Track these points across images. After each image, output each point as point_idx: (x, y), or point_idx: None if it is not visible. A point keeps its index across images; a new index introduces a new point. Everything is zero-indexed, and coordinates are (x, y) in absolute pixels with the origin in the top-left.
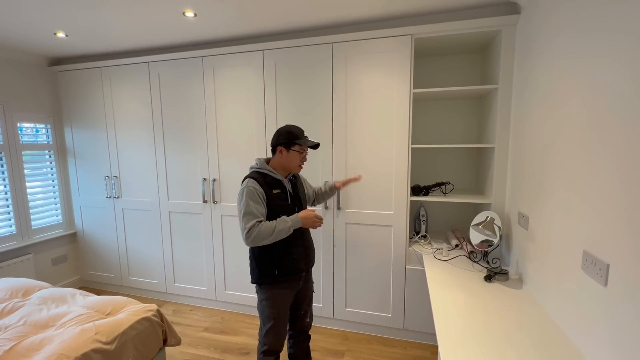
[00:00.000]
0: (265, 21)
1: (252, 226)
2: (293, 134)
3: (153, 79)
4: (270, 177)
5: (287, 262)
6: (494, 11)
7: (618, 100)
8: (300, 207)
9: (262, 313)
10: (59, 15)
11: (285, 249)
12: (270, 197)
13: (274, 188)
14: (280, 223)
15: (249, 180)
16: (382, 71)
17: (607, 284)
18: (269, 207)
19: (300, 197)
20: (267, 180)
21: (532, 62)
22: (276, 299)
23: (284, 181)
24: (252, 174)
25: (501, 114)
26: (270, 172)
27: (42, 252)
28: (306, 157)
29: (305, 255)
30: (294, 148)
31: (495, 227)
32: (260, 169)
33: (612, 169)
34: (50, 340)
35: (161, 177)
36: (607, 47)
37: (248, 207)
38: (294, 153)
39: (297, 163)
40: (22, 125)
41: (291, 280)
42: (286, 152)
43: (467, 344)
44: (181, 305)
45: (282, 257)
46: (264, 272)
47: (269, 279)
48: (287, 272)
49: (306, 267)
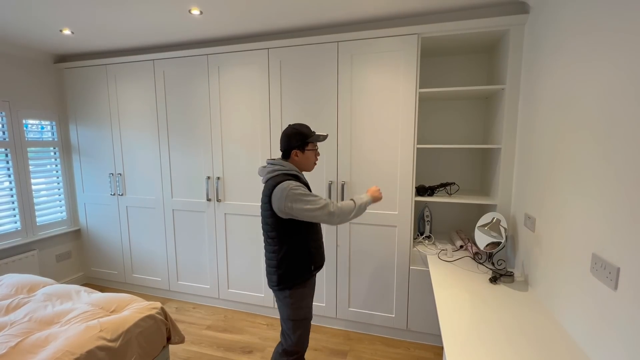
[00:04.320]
0: (270, 19)
1: (327, 203)
2: (304, 134)
3: (158, 77)
4: (303, 178)
5: (319, 256)
6: (502, 10)
7: (630, 101)
8: None
9: (294, 317)
10: (65, 13)
11: (317, 242)
12: None
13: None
14: (357, 199)
15: (290, 182)
16: (388, 70)
17: (618, 288)
18: None
19: None
20: (302, 181)
21: (540, 62)
22: (308, 299)
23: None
24: (287, 177)
25: (508, 115)
26: (299, 174)
27: (46, 249)
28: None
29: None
30: (308, 147)
31: (501, 228)
32: (290, 170)
33: (623, 171)
34: (55, 337)
35: (165, 175)
36: (619, 47)
37: (307, 194)
38: (309, 152)
39: (313, 161)
40: (28, 121)
41: (315, 275)
42: (302, 153)
43: (472, 346)
44: (184, 303)
45: (317, 252)
46: (299, 270)
47: (305, 276)
48: (319, 265)
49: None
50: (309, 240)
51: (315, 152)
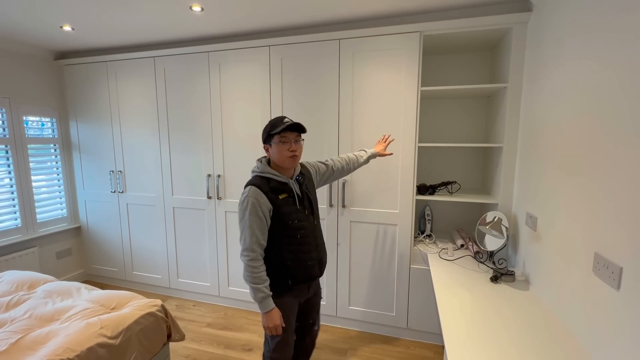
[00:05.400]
0: (272, 16)
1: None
2: (269, 126)
3: (159, 74)
4: (275, 181)
5: (301, 270)
6: (505, 8)
7: (633, 100)
8: (311, 209)
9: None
10: (65, 9)
11: (299, 257)
12: (276, 205)
13: (279, 193)
14: (259, 290)
15: (250, 189)
16: (389, 68)
17: (620, 288)
18: (277, 214)
19: (311, 198)
20: (271, 185)
21: (543, 60)
22: (285, 309)
23: (291, 183)
24: (254, 180)
25: (510, 113)
26: (274, 176)
27: (46, 246)
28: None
29: (318, 260)
30: (274, 140)
31: (503, 227)
32: (262, 173)
33: (626, 170)
34: (55, 334)
35: (165, 172)
36: (623, 45)
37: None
38: (276, 145)
39: (286, 155)
40: (28, 118)
41: (301, 288)
42: (270, 148)
43: (473, 345)
44: (184, 301)
45: (296, 265)
46: (274, 281)
47: (279, 288)
48: (301, 280)
49: (320, 272)
50: (282, 252)
51: (287, 146)
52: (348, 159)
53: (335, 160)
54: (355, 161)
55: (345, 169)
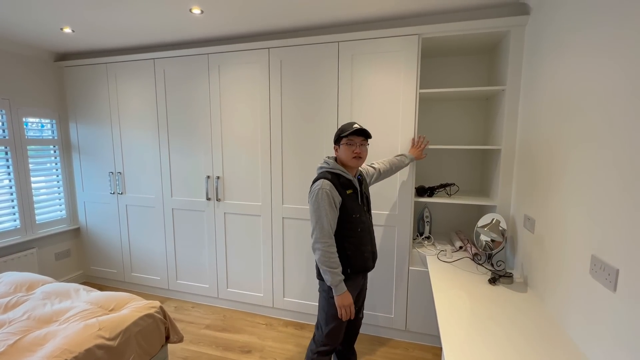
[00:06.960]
0: (271, 19)
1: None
2: (340, 130)
3: (158, 76)
4: (343, 178)
5: (360, 260)
6: (503, 12)
7: (630, 102)
8: (368, 206)
9: (327, 311)
10: (66, 11)
11: (358, 248)
12: (344, 198)
13: (347, 189)
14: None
15: (324, 182)
16: (388, 71)
17: (617, 290)
18: (344, 208)
19: (368, 197)
20: (340, 180)
21: (541, 63)
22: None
23: (354, 181)
24: (325, 175)
25: (508, 116)
26: (342, 172)
27: (45, 247)
28: (362, 147)
29: (372, 253)
30: (342, 142)
31: (501, 229)
32: (332, 169)
33: (623, 172)
34: (54, 335)
35: (165, 174)
36: (620, 47)
37: (324, 217)
38: (344, 147)
39: (350, 156)
40: (28, 120)
41: (358, 278)
42: (339, 148)
43: (471, 347)
44: (183, 302)
45: (355, 255)
46: None
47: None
48: (358, 270)
49: (373, 265)
50: (343, 242)
51: (352, 148)
52: (391, 162)
53: (380, 164)
54: (397, 165)
55: (389, 172)
